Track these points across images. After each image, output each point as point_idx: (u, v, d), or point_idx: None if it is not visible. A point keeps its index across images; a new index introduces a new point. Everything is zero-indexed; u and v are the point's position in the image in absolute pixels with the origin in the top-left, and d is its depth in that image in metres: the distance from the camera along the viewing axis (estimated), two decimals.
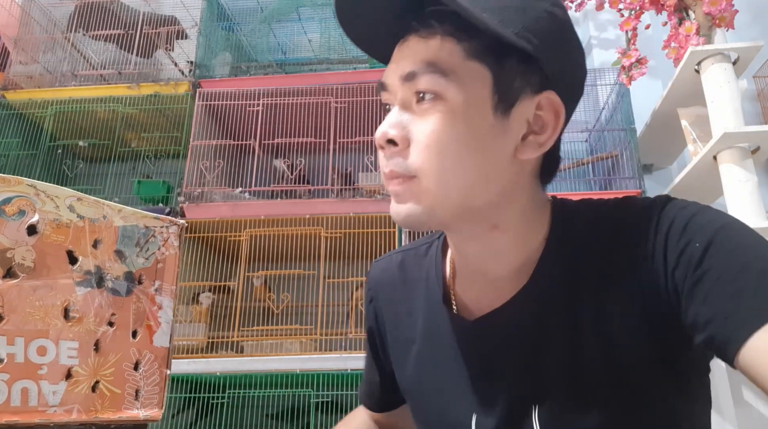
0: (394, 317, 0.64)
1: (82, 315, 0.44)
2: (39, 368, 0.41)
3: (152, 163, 2.46)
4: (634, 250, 0.48)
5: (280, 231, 2.00)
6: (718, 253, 0.43)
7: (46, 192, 0.44)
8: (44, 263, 0.43)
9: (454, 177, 0.47)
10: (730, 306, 0.42)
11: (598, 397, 0.48)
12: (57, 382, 0.42)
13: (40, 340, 0.42)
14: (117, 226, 0.48)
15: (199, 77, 2.27)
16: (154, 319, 0.49)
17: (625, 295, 0.48)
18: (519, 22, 0.45)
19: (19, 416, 0.40)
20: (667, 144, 2.06)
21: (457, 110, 0.46)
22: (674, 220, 0.47)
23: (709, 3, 1.69)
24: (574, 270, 0.50)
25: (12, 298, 0.41)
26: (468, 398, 0.55)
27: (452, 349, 0.57)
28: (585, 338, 0.49)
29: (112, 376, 0.45)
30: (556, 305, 0.51)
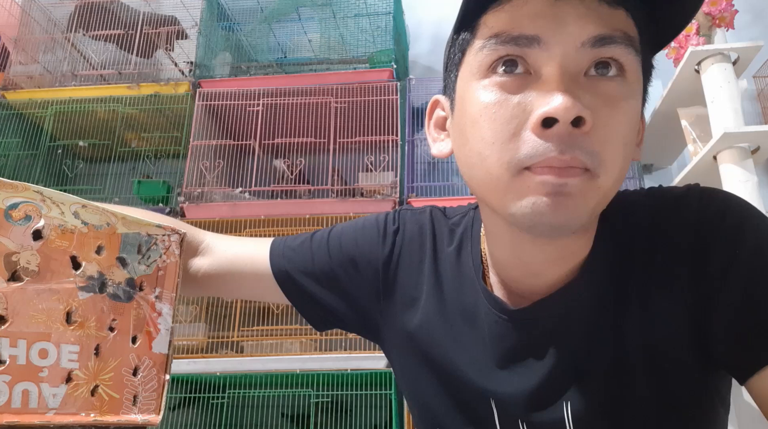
0: (415, 279, 0.59)
1: (83, 319, 0.45)
2: (40, 371, 0.42)
3: (152, 163, 2.46)
4: (676, 246, 0.46)
5: (280, 231, 2.00)
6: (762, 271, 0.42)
7: (52, 198, 0.45)
8: (48, 267, 0.43)
9: (623, 171, 0.41)
10: (757, 332, 0.41)
11: (637, 399, 0.47)
12: (57, 385, 0.42)
13: (42, 343, 0.42)
14: (120, 233, 0.48)
15: (199, 77, 2.27)
16: (153, 325, 0.49)
17: (671, 294, 0.46)
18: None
19: (19, 417, 0.40)
20: (667, 144, 2.06)
21: (636, 101, 0.41)
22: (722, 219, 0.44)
23: (709, 3, 1.69)
24: (618, 266, 0.48)
25: (16, 301, 0.41)
26: (490, 383, 0.52)
27: (481, 330, 0.53)
28: (629, 336, 0.47)
29: (111, 380, 0.46)
30: (602, 302, 0.48)
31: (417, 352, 0.58)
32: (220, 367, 1.80)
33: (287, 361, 1.79)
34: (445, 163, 2.23)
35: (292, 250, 0.63)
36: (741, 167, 1.55)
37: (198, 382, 1.95)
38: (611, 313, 0.48)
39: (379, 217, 0.63)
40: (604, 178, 0.40)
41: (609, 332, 0.48)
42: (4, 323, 0.41)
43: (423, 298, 0.58)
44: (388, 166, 2.06)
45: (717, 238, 0.44)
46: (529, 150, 0.39)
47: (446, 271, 0.58)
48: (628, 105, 0.40)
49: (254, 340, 1.89)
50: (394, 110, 2.08)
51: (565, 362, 0.49)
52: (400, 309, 0.60)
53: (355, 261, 0.61)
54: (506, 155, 0.40)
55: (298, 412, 2.04)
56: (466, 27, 0.44)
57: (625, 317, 0.47)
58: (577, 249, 0.48)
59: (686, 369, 0.47)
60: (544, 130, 0.38)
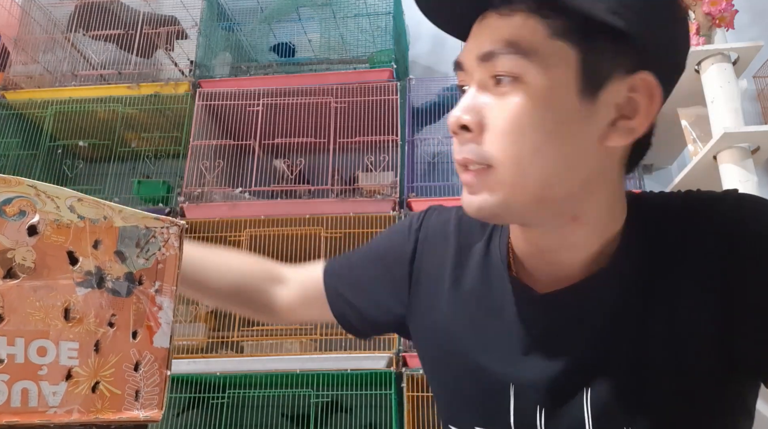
0: (438, 271, 0.60)
1: (82, 316, 0.44)
2: (39, 369, 0.41)
3: (152, 163, 2.46)
4: (708, 247, 0.46)
5: (280, 231, 2.00)
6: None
7: (47, 192, 0.44)
8: (45, 264, 0.43)
9: (533, 166, 0.43)
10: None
11: (657, 392, 0.47)
12: (57, 383, 0.42)
13: (41, 341, 0.42)
14: (117, 226, 0.48)
15: (199, 77, 2.27)
16: (154, 319, 0.49)
17: (699, 294, 0.46)
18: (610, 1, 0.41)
19: (19, 417, 0.39)
20: (667, 144, 2.06)
21: (538, 94, 0.42)
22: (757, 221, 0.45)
23: (709, 3, 1.69)
24: (649, 261, 0.49)
25: (12, 298, 0.41)
26: (510, 368, 0.53)
27: (506, 317, 0.54)
28: (654, 331, 0.47)
29: (113, 377, 0.45)
30: (629, 294, 0.49)
31: (439, 345, 0.59)
32: (220, 367, 1.80)
33: (287, 361, 1.79)
34: (445, 163, 2.23)
35: (338, 266, 0.69)
36: (741, 167, 1.55)
37: (198, 382, 1.94)
38: (638, 306, 0.48)
39: (409, 217, 0.67)
40: (502, 169, 0.44)
41: (633, 325, 0.48)
42: (1, 321, 0.40)
43: (446, 292, 0.59)
44: (388, 166, 2.07)
45: (749, 242, 0.44)
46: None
47: (473, 265, 0.58)
48: (522, 104, 0.43)
49: (254, 340, 1.89)
50: (394, 110, 2.08)
51: (589, 351, 0.49)
52: (425, 304, 0.61)
53: (387, 262, 0.65)
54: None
55: (298, 412, 2.04)
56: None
57: (651, 312, 0.48)
58: (580, 239, 0.49)
59: (708, 370, 0.47)
60: (456, 137, 0.47)
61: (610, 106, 0.44)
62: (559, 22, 0.42)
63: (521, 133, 0.43)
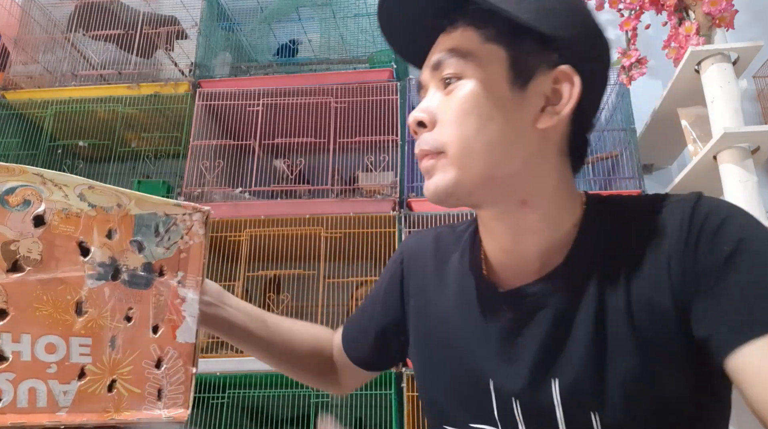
0: (422, 282, 0.67)
1: (95, 309, 0.41)
2: (47, 367, 0.38)
3: (152, 163, 2.45)
4: (666, 241, 0.50)
5: (280, 231, 2.00)
6: (742, 263, 0.46)
7: (54, 180, 0.41)
8: (53, 255, 0.40)
9: (476, 146, 0.50)
10: (735, 314, 0.45)
11: (618, 376, 0.49)
12: (68, 382, 0.39)
13: (49, 337, 0.39)
14: (133, 214, 0.45)
15: (199, 77, 2.27)
16: (177, 313, 0.45)
17: (654, 285, 0.49)
18: (533, 7, 0.49)
19: (26, 418, 0.37)
20: (667, 144, 2.06)
21: (476, 87, 0.51)
22: (708, 217, 0.49)
23: (709, 3, 1.69)
24: (606, 255, 0.52)
25: (17, 292, 0.38)
26: (488, 364, 0.56)
27: (480, 316, 0.59)
28: (612, 322, 0.50)
29: (131, 374, 0.42)
30: (587, 287, 0.52)
31: (428, 355, 0.64)
32: (220, 367, 1.80)
33: None
34: None
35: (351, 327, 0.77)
36: (741, 167, 1.55)
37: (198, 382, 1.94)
38: (595, 293, 0.52)
39: (393, 255, 0.75)
40: (451, 151, 0.51)
41: (591, 314, 0.51)
42: (5, 317, 0.37)
43: (431, 306, 0.65)
44: (388, 166, 2.06)
45: (704, 231, 0.48)
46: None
47: (451, 272, 0.64)
48: (463, 94, 0.51)
49: None
50: (394, 110, 2.08)
51: (551, 342, 0.53)
52: (415, 313, 0.67)
53: (386, 289, 0.73)
54: None
55: (298, 413, 2.04)
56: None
57: (606, 300, 0.51)
58: (532, 225, 0.54)
59: (666, 351, 0.49)
60: (416, 135, 0.55)
61: (539, 95, 0.51)
62: (491, 29, 0.51)
63: (465, 119, 0.51)
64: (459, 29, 0.52)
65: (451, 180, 0.52)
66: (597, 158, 2.18)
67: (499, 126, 0.50)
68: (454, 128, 0.51)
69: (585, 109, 0.53)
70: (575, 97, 0.51)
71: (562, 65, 0.51)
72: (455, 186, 0.52)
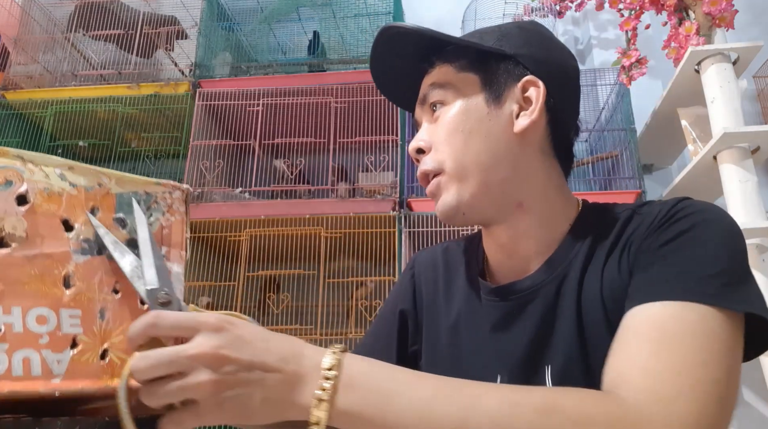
0: (433, 293, 0.71)
1: (83, 283, 0.43)
2: (40, 337, 0.40)
3: (152, 163, 2.46)
4: (639, 231, 0.55)
5: (280, 231, 2.00)
6: (682, 243, 0.50)
7: (34, 161, 0.43)
8: (38, 232, 0.41)
9: (467, 157, 0.58)
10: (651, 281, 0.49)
11: (600, 361, 0.50)
12: (61, 351, 0.40)
13: (39, 309, 0.40)
14: (114, 193, 0.46)
15: (199, 77, 2.27)
16: None
17: (620, 269, 0.54)
18: (495, 36, 0.61)
19: (22, 385, 0.38)
20: (667, 144, 2.07)
21: (457, 108, 0.60)
22: (680, 210, 0.53)
23: (709, 3, 1.69)
24: (590, 249, 0.58)
25: (4, 267, 0.40)
26: (494, 359, 0.60)
27: (482, 317, 0.63)
28: (590, 308, 0.55)
29: (123, 344, 0.44)
30: (569, 278, 0.57)
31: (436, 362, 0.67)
32: None
33: None
34: None
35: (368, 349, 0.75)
36: (741, 167, 1.55)
37: None
38: (575, 283, 0.57)
39: (405, 269, 0.78)
40: (448, 166, 0.59)
41: (573, 299, 0.56)
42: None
43: (441, 320, 0.68)
44: (388, 166, 2.06)
45: (669, 220, 0.53)
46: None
47: (459, 281, 0.68)
48: (448, 117, 0.60)
49: None
50: (394, 110, 2.08)
51: (542, 329, 0.57)
52: (426, 332, 0.70)
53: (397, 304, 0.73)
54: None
55: None
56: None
57: (587, 285, 0.56)
58: (529, 227, 0.60)
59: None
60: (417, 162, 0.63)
61: (513, 104, 0.59)
62: (463, 61, 0.60)
63: (453, 137, 0.59)
64: (437, 67, 0.62)
65: (454, 195, 0.59)
66: (597, 158, 2.18)
67: (482, 137, 0.58)
68: (446, 146, 0.59)
69: (558, 111, 0.60)
70: (541, 97, 0.58)
71: (528, 75, 0.59)
72: (459, 200, 0.58)
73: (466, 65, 0.60)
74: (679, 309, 0.45)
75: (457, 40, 0.60)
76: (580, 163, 2.21)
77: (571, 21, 2.65)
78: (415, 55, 0.63)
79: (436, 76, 0.62)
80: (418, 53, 0.63)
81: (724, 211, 0.53)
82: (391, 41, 0.62)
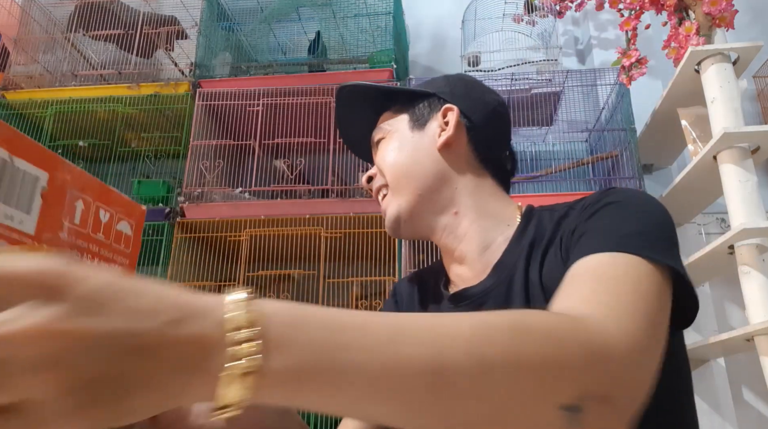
0: (410, 308, 0.77)
1: None
2: None
3: (152, 163, 2.46)
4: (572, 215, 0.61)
5: (280, 231, 2.00)
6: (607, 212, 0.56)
7: None
8: None
9: (399, 167, 0.70)
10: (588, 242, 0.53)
11: None
12: None
13: None
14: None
15: (199, 77, 2.27)
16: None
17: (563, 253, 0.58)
18: (423, 86, 0.76)
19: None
20: (667, 144, 2.07)
21: (391, 137, 0.73)
22: (606, 191, 0.59)
23: (709, 3, 1.69)
24: (531, 245, 0.63)
25: None
26: None
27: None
28: (534, 297, 0.59)
29: None
30: (515, 276, 0.61)
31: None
32: None
33: None
34: None
35: None
36: (741, 167, 1.55)
37: None
38: (522, 277, 0.61)
39: (388, 297, 0.83)
40: (389, 179, 0.70)
41: (522, 297, 0.60)
42: None
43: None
44: None
45: (597, 200, 0.58)
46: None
47: (430, 299, 0.74)
48: (384, 145, 0.73)
49: None
50: None
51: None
52: None
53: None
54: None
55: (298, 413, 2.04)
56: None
57: (531, 276, 0.61)
58: (466, 229, 0.68)
59: None
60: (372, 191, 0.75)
61: (435, 127, 0.71)
62: (398, 105, 0.74)
63: (388, 156, 0.71)
64: (382, 115, 0.75)
65: (395, 207, 0.69)
66: (597, 158, 2.18)
67: (410, 152, 0.70)
68: (384, 165, 0.71)
69: (477, 131, 0.70)
70: (455, 117, 0.69)
71: (446, 104, 0.71)
72: (398, 210, 0.68)
73: (399, 108, 0.74)
74: (611, 258, 0.49)
75: (393, 88, 0.76)
76: (580, 163, 2.21)
77: (571, 21, 2.65)
78: (367, 109, 0.76)
79: (382, 119, 0.75)
80: (370, 108, 0.76)
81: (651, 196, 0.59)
82: (349, 98, 0.75)
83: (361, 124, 0.78)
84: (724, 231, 1.72)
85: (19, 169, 0.47)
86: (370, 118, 0.77)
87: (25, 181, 0.48)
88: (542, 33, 2.46)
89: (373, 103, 0.76)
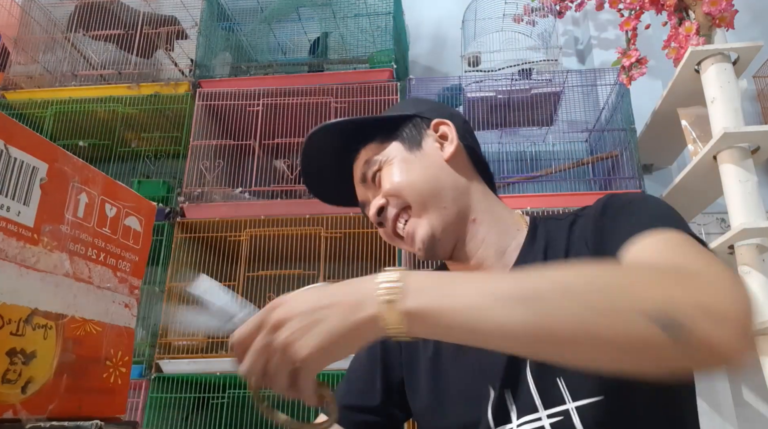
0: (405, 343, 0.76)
1: None
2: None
3: (152, 163, 2.46)
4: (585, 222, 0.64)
5: (280, 231, 2.00)
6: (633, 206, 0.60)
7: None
8: None
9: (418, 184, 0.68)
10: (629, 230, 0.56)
11: None
12: None
13: None
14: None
15: (199, 77, 2.27)
16: None
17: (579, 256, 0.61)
18: (398, 108, 0.78)
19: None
20: (667, 144, 2.06)
21: (392, 163, 0.71)
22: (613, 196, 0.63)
23: (709, 3, 1.69)
24: (544, 256, 0.65)
25: None
26: (480, 373, 0.64)
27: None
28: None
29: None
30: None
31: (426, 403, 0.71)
32: (220, 367, 1.80)
33: None
34: None
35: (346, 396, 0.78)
36: (741, 167, 1.55)
37: (198, 382, 1.94)
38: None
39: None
40: (411, 198, 0.68)
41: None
42: None
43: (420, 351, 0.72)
44: None
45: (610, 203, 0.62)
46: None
47: None
48: (391, 169, 0.70)
49: None
50: None
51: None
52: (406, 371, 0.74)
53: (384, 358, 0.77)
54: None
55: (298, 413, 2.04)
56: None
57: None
58: (484, 235, 0.69)
59: None
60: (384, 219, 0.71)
61: (432, 143, 0.72)
62: (381, 136, 0.72)
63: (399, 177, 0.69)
64: (362, 150, 0.73)
65: (426, 226, 0.67)
66: (597, 158, 2.18)
67: (421, 171, 0.69)
68: (401, 187, 0.68)
69: (465, 139, 0.73)
70: (453, 129, 0.72)
71: (436, 119, 0.73)
72: (432, 227, 0.67)
73: (384, 138, 0.72)
74: (662, 233, 0.53)
75: (372, 123, 0.73)
76: (580, 163, 2.21)
77: (571, 21, 2.65)
78: (338, 149, 0.73)
79: (366, 154, 0.72)
80: (341, 147, 0.73)
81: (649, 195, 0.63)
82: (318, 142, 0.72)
83: (333, 169, 0.75)
84: (724, 231, 1.71)
85: (15, 159, 0.47)
86: (342, 161, 0.75)
87: (22, 172, 0.47)
88: (542, 33, 2.46)
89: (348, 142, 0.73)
